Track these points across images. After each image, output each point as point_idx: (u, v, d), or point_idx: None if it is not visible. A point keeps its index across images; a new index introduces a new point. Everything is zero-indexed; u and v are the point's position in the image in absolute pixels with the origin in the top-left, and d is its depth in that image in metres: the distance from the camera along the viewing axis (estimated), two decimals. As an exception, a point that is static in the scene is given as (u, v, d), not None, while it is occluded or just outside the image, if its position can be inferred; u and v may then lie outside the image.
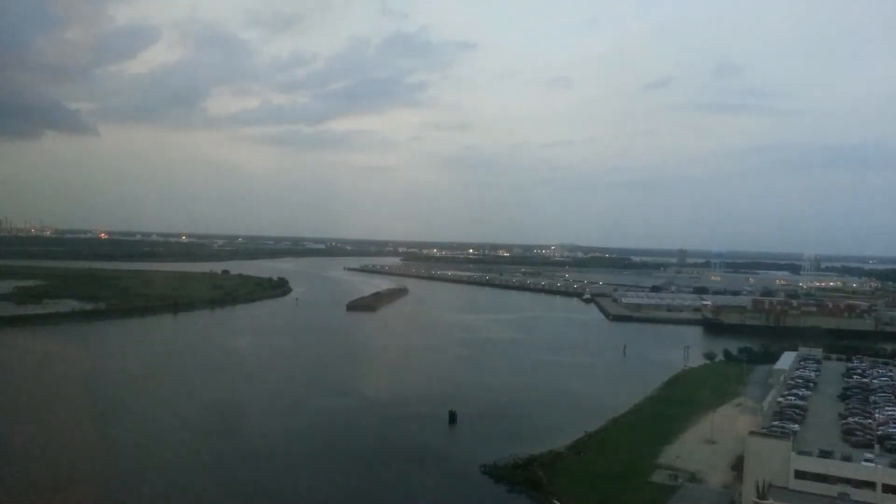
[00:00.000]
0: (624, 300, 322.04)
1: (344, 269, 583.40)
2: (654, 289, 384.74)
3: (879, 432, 76.16)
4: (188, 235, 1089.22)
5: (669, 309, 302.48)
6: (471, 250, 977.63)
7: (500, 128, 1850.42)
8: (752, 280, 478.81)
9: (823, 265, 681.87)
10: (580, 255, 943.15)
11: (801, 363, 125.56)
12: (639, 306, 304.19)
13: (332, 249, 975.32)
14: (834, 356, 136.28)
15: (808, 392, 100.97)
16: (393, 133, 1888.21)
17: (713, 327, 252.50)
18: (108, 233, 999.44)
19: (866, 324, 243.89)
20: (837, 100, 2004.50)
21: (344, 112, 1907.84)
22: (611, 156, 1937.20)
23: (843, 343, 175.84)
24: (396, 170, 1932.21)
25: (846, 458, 67.24)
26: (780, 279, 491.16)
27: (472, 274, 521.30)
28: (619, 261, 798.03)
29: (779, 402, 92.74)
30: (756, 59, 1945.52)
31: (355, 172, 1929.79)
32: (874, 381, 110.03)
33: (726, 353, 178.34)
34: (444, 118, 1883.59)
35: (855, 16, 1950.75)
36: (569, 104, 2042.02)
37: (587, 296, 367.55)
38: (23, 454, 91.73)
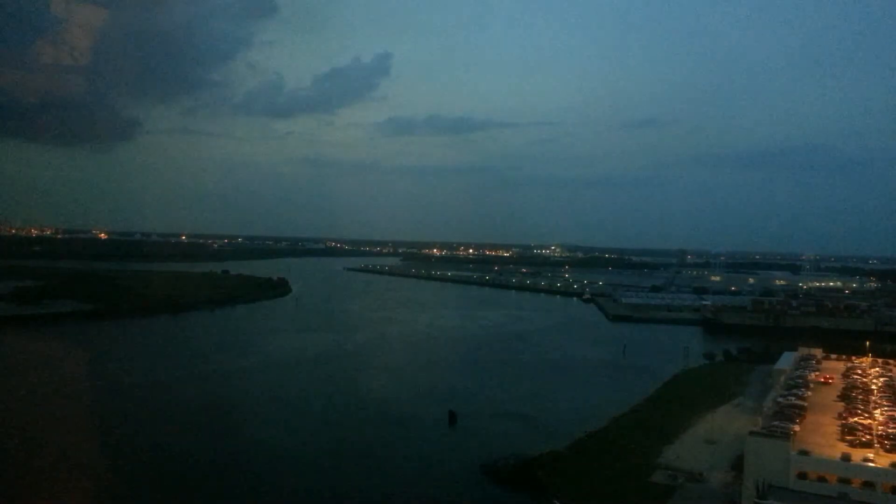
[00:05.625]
0: (624, 300, 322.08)
1: (344, 269, 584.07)
2: (654, 289, 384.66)
3: (879, 432, 76.10)
4: (188, 235, 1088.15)
5: (669, 309, 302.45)
6: (471, 250, 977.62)
7: (498, 126, 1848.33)
8: (752, 280, 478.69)
9: (823, 265, 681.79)
10: (580, 255, 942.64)
11: (801, 363, 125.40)
12: (639, 306, 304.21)
13: (332, 250, 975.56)
14: (834, 356, 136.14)
15: (808, 392, 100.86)
16: (392, 131, 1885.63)
17: (713, 327, 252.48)
18: (107, 233, 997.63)
19: (866, 324, 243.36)
20: (836, 101, 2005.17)
21: (339, 107, 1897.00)
22: (610, 154, 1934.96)
23: (843, 343, 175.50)
24: (394, 169, 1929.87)
25: (846, 458, 67.28)
26: (779, 279, 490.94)
27: (472, 274, 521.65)
28: (619, 261, 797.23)
29: (778, 402, 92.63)
30: (754, 57, 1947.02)
31: (352, 172, 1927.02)
32: (874, 380, 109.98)
33: (726, 354, 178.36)
34: (442, 115, 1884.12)
35: (853, 18, 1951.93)
36: (567, 101, 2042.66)
37: (587, 296, 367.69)
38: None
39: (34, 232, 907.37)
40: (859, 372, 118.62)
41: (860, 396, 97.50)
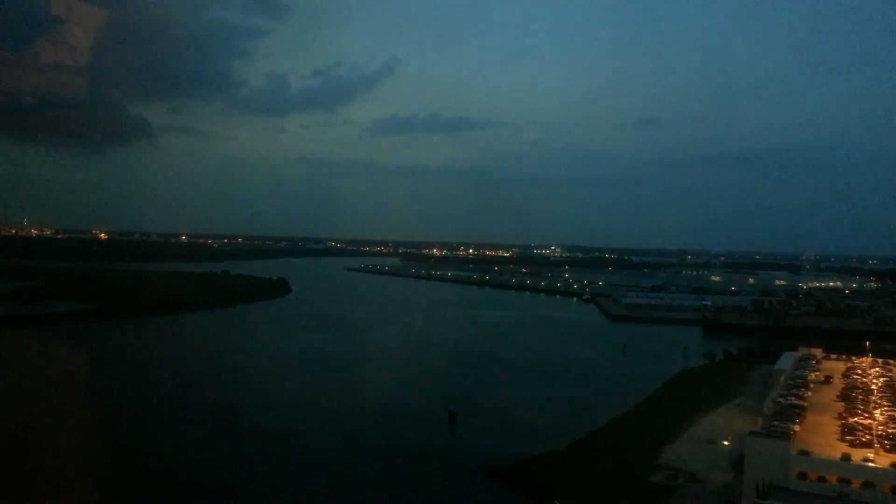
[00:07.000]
0: (624, 300, 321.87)
1: (344, 268, 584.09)
2: (654, 289, 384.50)
3: (879, 432, 76.18)
4: (188, 235, 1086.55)
5: (669, 309, 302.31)
6: (471, 250, 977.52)
7: (498, 125, 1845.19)
8: (752, 280, 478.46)
9: (823, 265, 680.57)
10: (580, 255, 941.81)
11: (801, 363, 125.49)
12: (639, 306, 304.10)
13: (332, 249, 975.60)
14: (834, 356, 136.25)
15: (808, 392, 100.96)
16: (392, 129, 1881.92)
17: (713, 327, 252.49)
18: (107, 233, 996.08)
19: (866, 324, 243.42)
20: (836, 102, 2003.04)
21: (338, 105, 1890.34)
22: (610, 153, 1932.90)
23: (843, 343, 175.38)
24: (394, 168, 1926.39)
25: (846, 458, 67.32)
26: (779, 279, 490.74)
27: (472, 274, 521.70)
28: (619, 261, 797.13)
29: (778, 402, 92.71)
30: (754, 57, 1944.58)
31: (352, 171, 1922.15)
32: (874, 380, 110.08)
33: (726, 353, 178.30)
34: (442, 114, 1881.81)
35: (853, 18, 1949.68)
36: (567, 101, 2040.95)
37: (587, 296, 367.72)
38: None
39: (34, 232, 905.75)
40: (859, 372, 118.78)
41: (860, 396, 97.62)
